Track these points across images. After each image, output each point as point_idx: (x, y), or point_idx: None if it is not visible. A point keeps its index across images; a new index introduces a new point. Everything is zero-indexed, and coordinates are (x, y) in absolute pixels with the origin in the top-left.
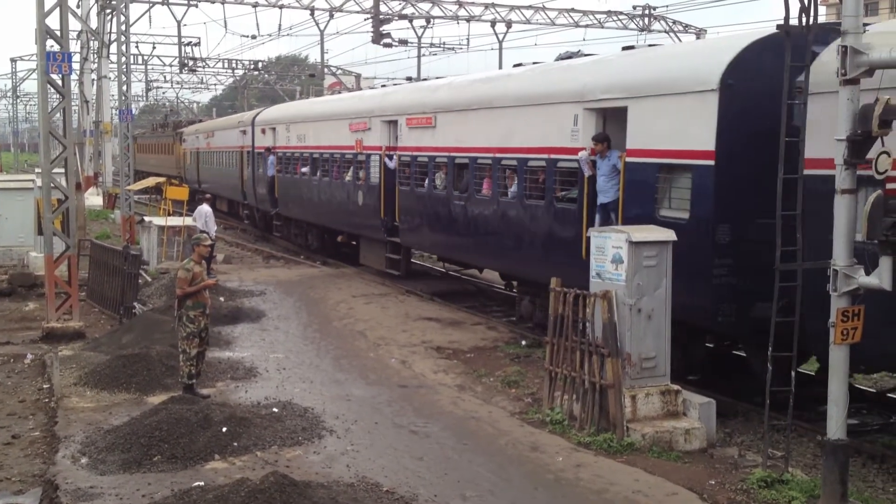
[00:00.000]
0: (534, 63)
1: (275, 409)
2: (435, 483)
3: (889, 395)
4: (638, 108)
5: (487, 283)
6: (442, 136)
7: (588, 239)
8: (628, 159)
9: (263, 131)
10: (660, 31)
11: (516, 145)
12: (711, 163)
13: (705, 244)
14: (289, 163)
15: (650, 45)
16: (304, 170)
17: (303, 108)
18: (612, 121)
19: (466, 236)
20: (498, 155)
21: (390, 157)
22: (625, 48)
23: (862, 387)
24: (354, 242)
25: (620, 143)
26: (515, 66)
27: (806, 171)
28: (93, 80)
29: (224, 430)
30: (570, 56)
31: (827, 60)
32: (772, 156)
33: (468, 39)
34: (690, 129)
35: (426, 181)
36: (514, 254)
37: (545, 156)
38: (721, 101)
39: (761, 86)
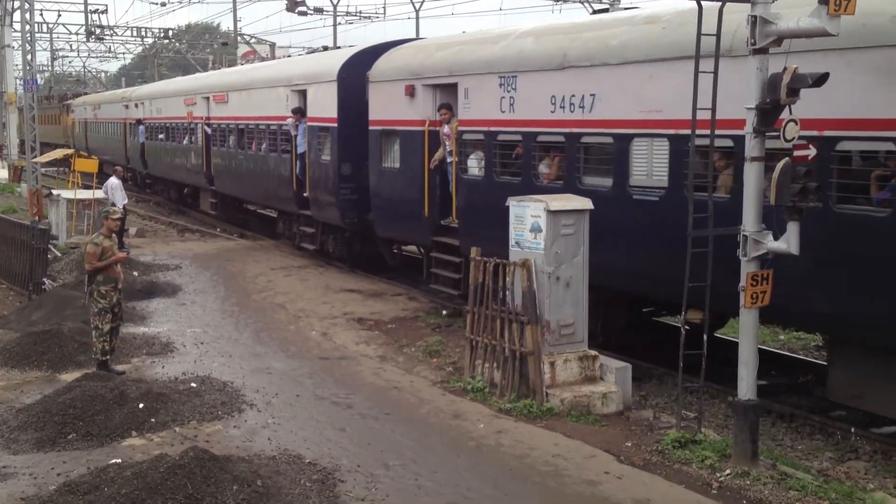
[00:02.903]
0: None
1: (193, 384)
2: (357, 453)
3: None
4: (311, 89)
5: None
6: (232, 109)
7: (297, 177)
8: (308, 124)
9: (137, 105)
10: (575, 0)
11: (264, 115)
12: (336, 125)
13: (335, 175)
14: (152, 131)
15: (351, 46)
16: (160, 136)
17: (159, 87)
18: (306, 98)
19: (247, 181)
20: (257, 122)
21: (209, 125)
22: (340, 47)
23: (770, 349)
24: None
25: None
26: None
27: (371, 127)
28: None
29: (141, 406)
30: (325, 49)
31: (378, 64)
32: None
33: (385, 8)
34: (328, 104)
35: (225, 143)
36: (268, 191)
37: (276, 122)
38: (339, 87)
39: (359, 79)
